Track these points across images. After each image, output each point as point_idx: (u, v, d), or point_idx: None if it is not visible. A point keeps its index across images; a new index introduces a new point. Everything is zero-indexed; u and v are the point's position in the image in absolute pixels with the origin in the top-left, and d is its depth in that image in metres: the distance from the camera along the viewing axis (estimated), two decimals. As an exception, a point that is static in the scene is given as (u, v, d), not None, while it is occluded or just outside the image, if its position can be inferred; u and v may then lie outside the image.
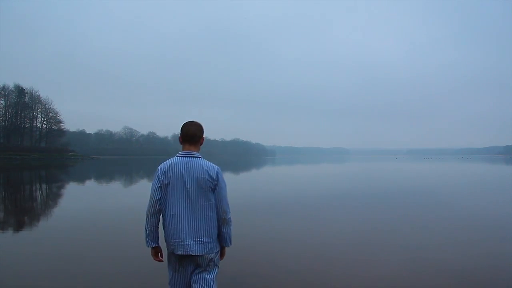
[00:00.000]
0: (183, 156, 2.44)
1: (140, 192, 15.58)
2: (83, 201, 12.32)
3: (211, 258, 2.44)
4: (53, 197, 13.70)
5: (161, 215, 2.42)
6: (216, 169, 2.43)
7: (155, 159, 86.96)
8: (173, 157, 2.49)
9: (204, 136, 2.57)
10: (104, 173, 31.15)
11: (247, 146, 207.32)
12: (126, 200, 12.61)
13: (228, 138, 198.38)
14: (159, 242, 2.47)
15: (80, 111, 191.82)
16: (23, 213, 9.80)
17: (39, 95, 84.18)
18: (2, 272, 4.62)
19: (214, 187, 2.41)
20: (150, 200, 2.40)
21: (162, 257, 2.53)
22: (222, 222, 2.47)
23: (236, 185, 19.40)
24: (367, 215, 9.12)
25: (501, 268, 4.88)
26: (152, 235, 2.43)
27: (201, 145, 2.55)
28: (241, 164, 55.45)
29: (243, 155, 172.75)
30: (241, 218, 8.48)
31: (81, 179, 24.01)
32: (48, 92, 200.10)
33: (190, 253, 2.35)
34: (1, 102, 77.27)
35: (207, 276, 2.43)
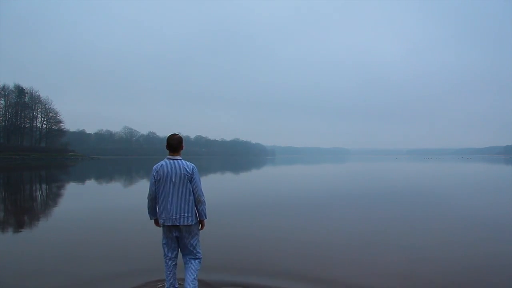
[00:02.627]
0: (169, 159, 3.53)
1: (140, 192, 15.59)
2: (82, 201, 12.33)
3: (192, 227, 3.53)
4: (52, 197, 13.70)
5: (157, 199, 3.53)
6: (191, 166, 3.52)
7: (155, 159, 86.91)
8: (162, 160, 3.57)
9: (183, 145, 3.61)
10: (104, 173, 31.16)
11: (247, 146, 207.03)
12: (125, 200, 12.61)
13: (228, 138, 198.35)
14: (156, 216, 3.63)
15: (80, 111, 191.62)
16: (23, 213, 9.81)
17: (39, 95, 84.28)
18: (2, 272, 4.64)
19: (190, 178, 3.49)
20: (149, 190, 3.54)
21: (160, 225, 3.59)
22: (197, 202, 3.53)
23: (236, 185, 19.39)
24: (366, 214, 9.11)
25: (501, 268, 4.88)
26: (152, 212, 3.63)
27: (181, 150, 3.60)
28: (240, 165, 55.44)
29: (243, 155, 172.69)
30: (243, 218, 8.49)
31: (80, 179, 24.01)
32: (48, 92, 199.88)
33: (176, 223, 3.45)
34: (1, 102, 77.39)
35: (192, 241, 3.56)
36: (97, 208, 10.30)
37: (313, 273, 4.54)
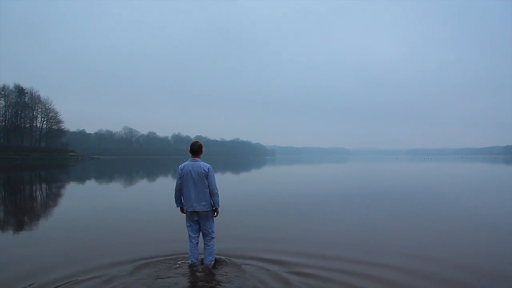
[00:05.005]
0: (191, 161, 4.66)
1: (140, 192, 15.58)
2: (83, 201, 12.34)
3: (207, 213, 4.62)
4: (53, 197, 13.71)
5: (181, 191, 4.64)
6: (208, 166, 4.63)
7: (155, 159, 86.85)
8: (186, 161, 4.70)
9: (202, 150, 4.77)
10: (104, 174, 31.16)
11: (247, 146, 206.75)
12: (125, 200, 12.62)
13: (228, 138, 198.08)
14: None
15: (80, 111, 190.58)
16: (23, 213, 9.81)
17: (39, 95, 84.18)
18: (4, 272, 4.65)
19: (207, 175, 4.59)
20: (175, 183, 4.68)
21: (184, 212, 4.71)
22: (212, 194, 4.60)
23: (237, 186, 19.37)
24: (366, 214, 9.13)
25: (502, 267, 4.89)
26: (178, 200, 4.72)
27: (201, 154, 4.76)
28: (241, 165, 55.41)
29: (243, 155, 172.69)
30: (245, 218, 8.50)
31: (80, 179, 24.01)
32: (48, 92, 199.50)
33: (195, 210, 4.55)
34: (1, 102, 77.31)
35: (208, 224, 4.66)
36: (98, 208, 10.30)
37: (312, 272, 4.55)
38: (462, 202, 11.81)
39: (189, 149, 4.74)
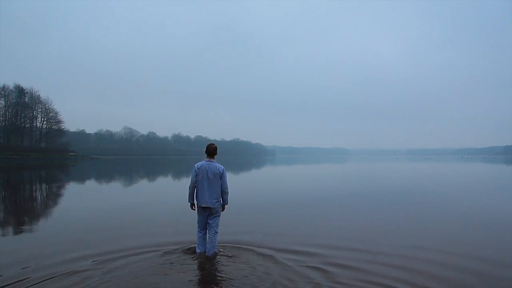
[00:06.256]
0: (207, 161, 5.13)
1: (140, 191, 15.57)
2: (83, 201, 12.33)
3: (217, 209, 5.12)
4: (53, 197, 13.70)
5: (195, 188, 5.07)
6: (222, 168, 5.12)
7: (155, 159, 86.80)
8: (202, 161, 5.15)
9: (217, 152, 5.23)
10: (104, 174, 31.15)
11: (247, 146, 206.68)
12: (124, 199, 12.61)
13: (228, 138, 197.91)
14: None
15: (80, 111, 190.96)
16: (23, 213, 9.82)
17: (39, 95, 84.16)
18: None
19: (221, 176, 5.08)
20: (191, 181, 5.07)
21: (195, 209, 5.15)
22: (223, 193, 5.14)
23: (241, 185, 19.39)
24: (367, 214, 9.13)
25: (503, 267, 4.89)
26: (191, 196, 5.13)
27: (216, 155, 5.22)
28: (241, 165, 55.39)
29: (243, 155, 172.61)
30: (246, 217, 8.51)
31: (80, 179, 24.01)
32: (48, 92, 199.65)
33: (208, 205, 5.01)
34: (1, 102, 77.27)
35: (216, 220, 5.12)
36: (97, 206, 10.29)
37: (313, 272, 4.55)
38: (463, 202, 11.81)
39: (204, 150, 5.20)
